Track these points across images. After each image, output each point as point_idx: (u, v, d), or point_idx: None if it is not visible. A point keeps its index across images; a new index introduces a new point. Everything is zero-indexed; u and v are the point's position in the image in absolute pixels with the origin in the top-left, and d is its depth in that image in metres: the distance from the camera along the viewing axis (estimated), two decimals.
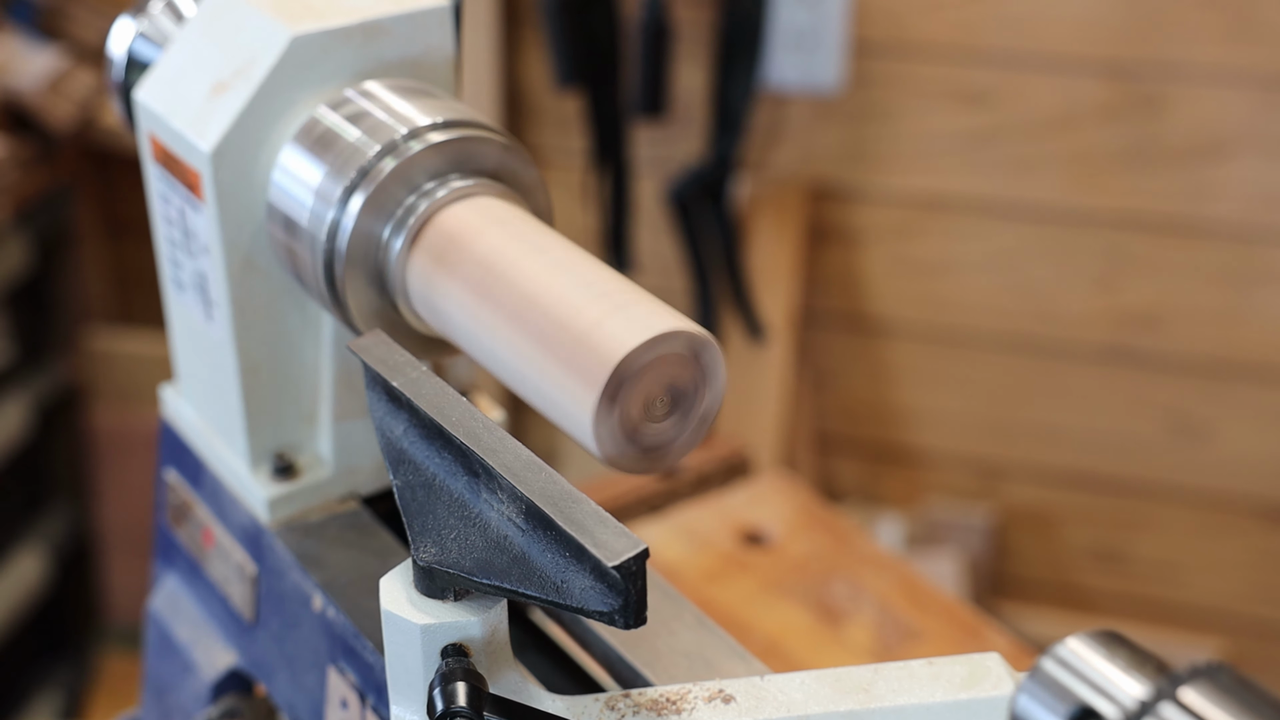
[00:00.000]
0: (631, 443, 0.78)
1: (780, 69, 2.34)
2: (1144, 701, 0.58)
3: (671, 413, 0.79)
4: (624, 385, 0.76)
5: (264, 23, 0.93)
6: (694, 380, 0.79)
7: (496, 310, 0.83)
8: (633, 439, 0.78)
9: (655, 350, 0.76)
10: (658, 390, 0.78)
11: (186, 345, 1.05)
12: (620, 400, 0.76)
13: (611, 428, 0.77)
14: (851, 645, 1.34)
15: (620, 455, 0.78)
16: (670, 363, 0.77)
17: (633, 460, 0.79)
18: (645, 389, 0.77)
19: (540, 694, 0.77)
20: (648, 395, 0.77)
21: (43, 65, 2.50)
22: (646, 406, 0.78)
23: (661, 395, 0.78)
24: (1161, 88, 2.26)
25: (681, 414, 0.79)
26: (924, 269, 2.46)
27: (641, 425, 0.78)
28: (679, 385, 0.78)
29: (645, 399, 0.77)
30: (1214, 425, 2.41)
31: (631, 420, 0.77)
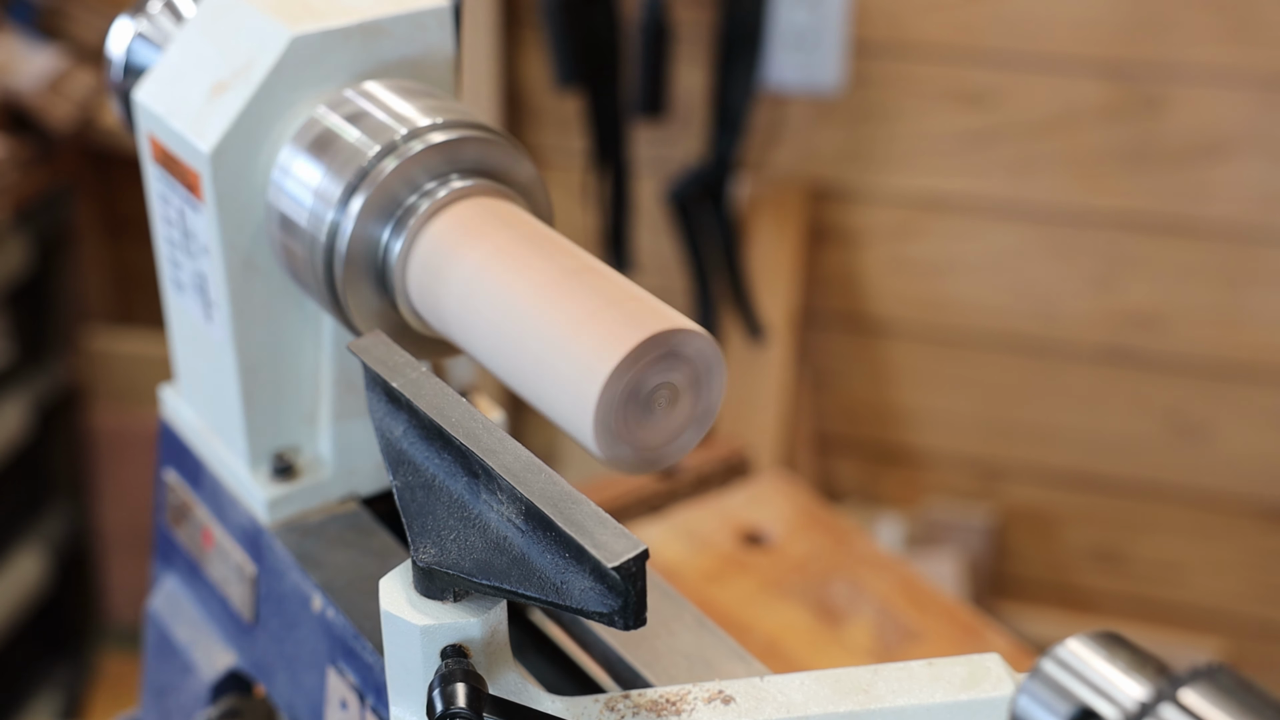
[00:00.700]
0: (631, 442, 0.78)
1: (780, 69, 2.34)
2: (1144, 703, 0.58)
3: (670, 412, 0.79)
4: (623, 385, 0.76)
5: (263, 23, 0.93)
6: (694, 380, 0.79)
7: (496, 310, 0.83)
8: (632, 439, 0.78)
9: (655, 350, 0.76)
10: (658, 390, 0.78)
11: (186, 346, 1.05)
12: (620, 399, 0.76)
13: (611, 427, 0.77)
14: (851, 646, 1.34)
15: (620, 455, 0.78)
16: (670, 362, 0.77)
17: (632, 460, 0.79)
18: (645, 388, 0.77)
19: (540, 695, 0.77)
20: (648, 394, 0.77)
21: (42, 65, 2.50)
22: (646, 406, 0.78)
23: (661, 395, 0.78)
24: (1161, 88, 2.26)
25: (681, 414, 0.79)
26: (924, 269, 2.46)
27: (641, 425, 0.78)
28: (679, 385, 0.78)
29: (645, 398, 0.77)
30: (1214, 425, 2.41)
31: (631, 420, 0.77)
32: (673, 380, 0.78)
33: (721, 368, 0.80)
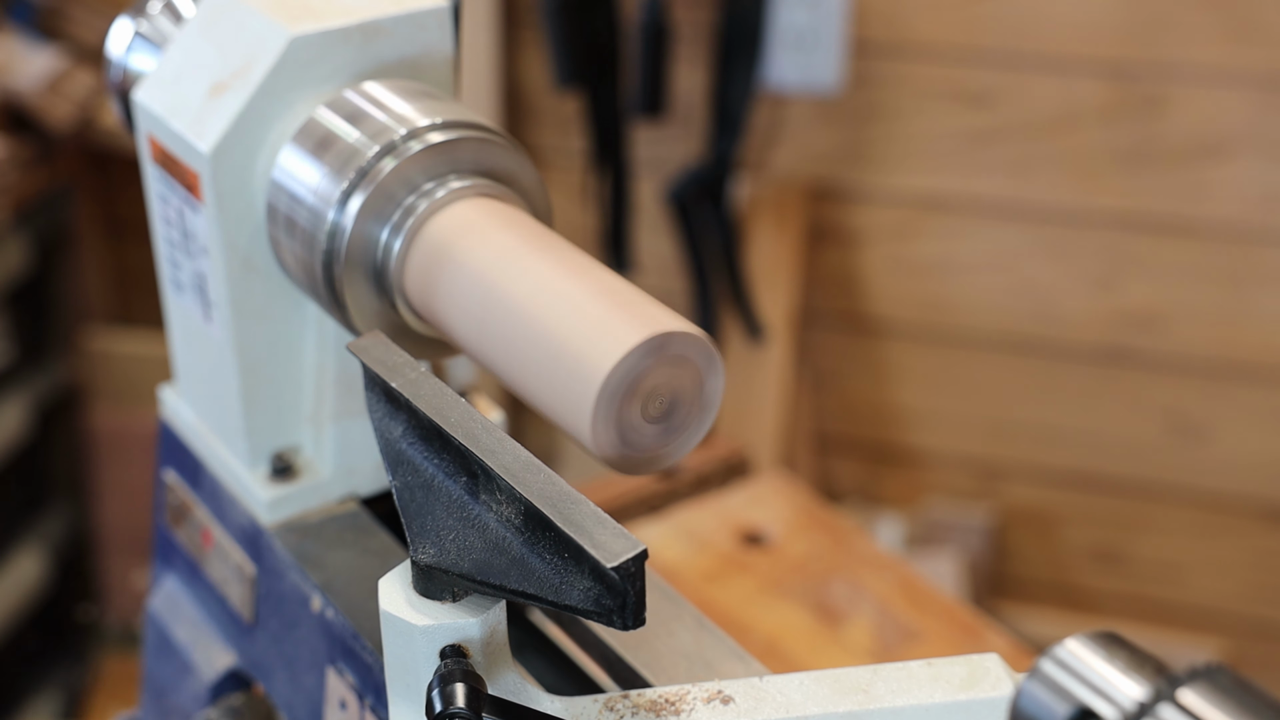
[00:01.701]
0: (630, 443, 0.78)
1: (780, 69, 2.34)
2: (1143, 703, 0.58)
3: (670, 413, 0.79)
4: (622, 385, 0.76)
5: (263, 23, 0.93)
6: (693, 381, 0.79)
7: (495, 310, 0.83)
8: (631, 439, 0.78)
9: (654, 351, 0.76)
10: (656, 391, 0.78)
11: (185, 346, 1.05)
12: (619, 400, 0.76)
13: (610, 427, 0.77)
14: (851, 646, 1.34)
15: (619, 455, 0.78)
16: (669, 363, 0.77)
17: (631, 460, 0.79)
18: (644, 389, 0.77)
19: (539, 695, 0.77)
20: (646, 395, 0.77)
21: (42, 66, 2.50)
22: (645, 407, 0.78)
23: (660, 395, 0.78)
24: (1161, 88, 2.26)
25: (680, 414, 0.79)
26: (923, 269, 2.46)
27: (640, 425, 0.78)
28: (677, 386, 0.78)
29: (644, 399, 0.77)
30: (1213, 425, 2.41)
31: (630, 420, 0.77)
32: (671, 381, 0.78)
33: (720, 369, 0.80)
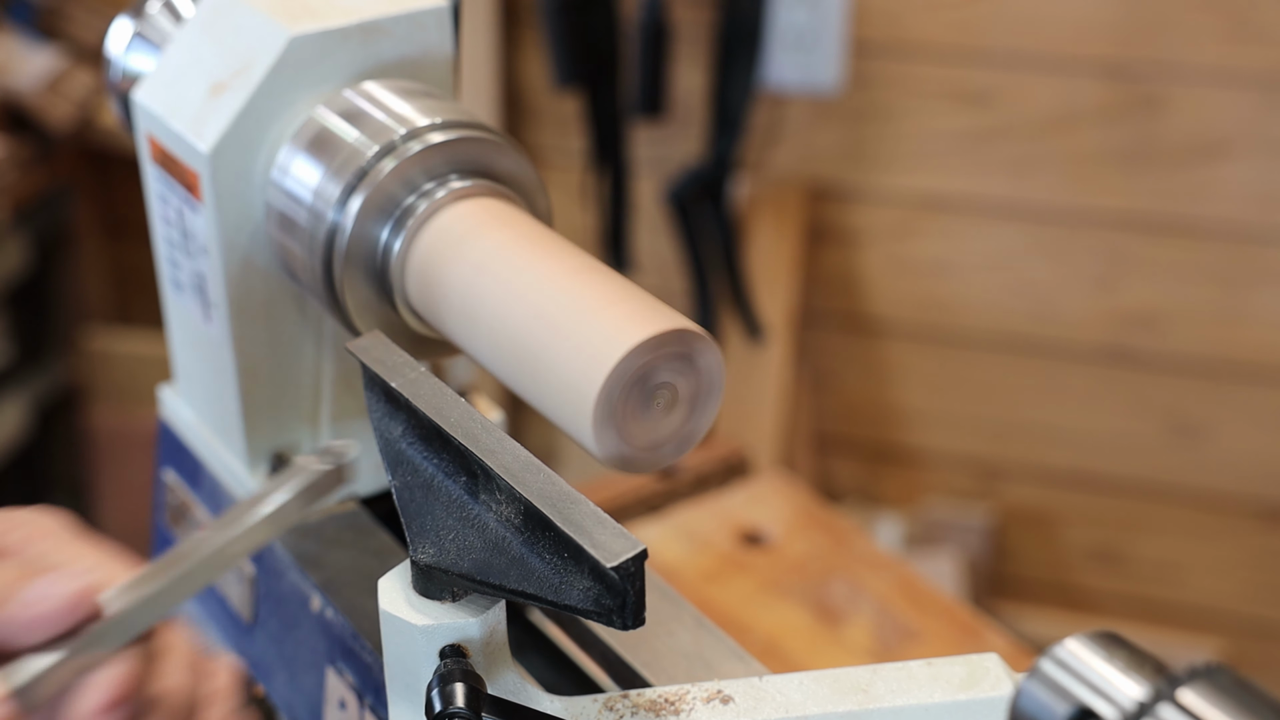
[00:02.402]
0: (630, 442, 0.78)
1: (779, 69, 2.33)
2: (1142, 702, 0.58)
3: (670, 412, 0.79)
4: (623, 384, 0.76)
5: (262, 23, 0.93)
6: (692, 380, 0.79)
7: (495, 310, 0.83)
8: (631, 438, 0.78)
9: (654, 350, 0.76)
10: (657, 389, 0.78)
11: (185, 346, 1.05)
12: (619, 399, 0.76)
13: (610, 426, 0.77)
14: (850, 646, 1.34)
15: (618, 454, 0.78)
16: (669, 362, 0.77)
17: (631, 460, 0.79)
18: (644, 388, 0.77)
19: (539, 695, 0.77)
20: (647, 394, 0.77)
21: (41, 65, 2.49)
22: (645, 406, 0.78)
23: (660, 394, 0.78)
24: (1160, 88, 2.26)
25: (680, 414, 0.79)
26: (923, 269, 2.46)
27: (640, 424, 0.78)
28: (677, 385, 0.78)
29: (644, 398, 0.77)
30: (1213, 425, 2.41)
31: (630, 419, 0.77)
32: (672, 380, 0.78)
33: (720, 369, 0.80)
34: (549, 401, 0.79)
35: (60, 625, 0.62)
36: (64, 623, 0.62)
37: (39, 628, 0.62)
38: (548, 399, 0.79)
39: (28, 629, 0.62)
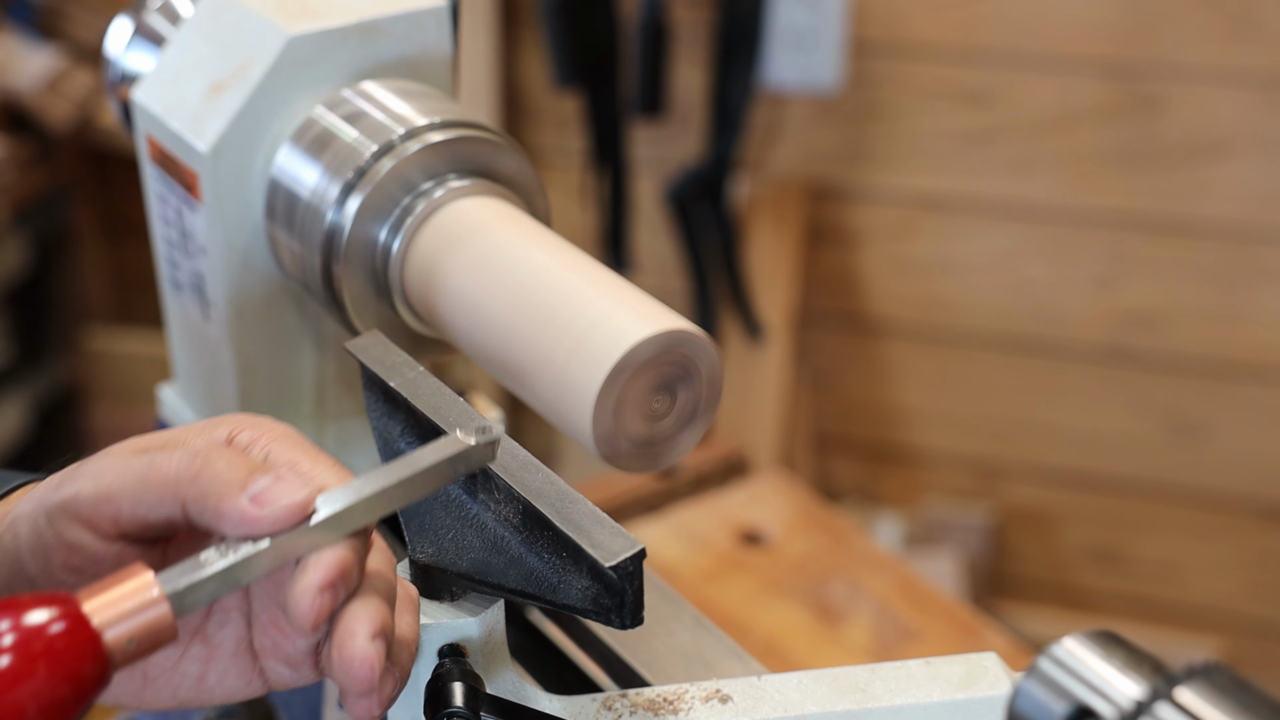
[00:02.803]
0: (629, 441, 0.78)
1: (779, 69, 2.33)
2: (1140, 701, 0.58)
3: (669, 412, 0.79)
4: (621, 384, 0.76)
5: (261, 23, 0.93)
6: (691, 380, 0.79)
7: (493, 311, 0.83)
8: (630, 438, 0.78)
9: (653, 350, 0.76)
10: (655, 389, 0.78)
11: (184, 345, 1.05)
12: (618, 399, 0.76)
13: (609, 426, 0.77)
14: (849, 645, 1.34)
15: (618, 454, 0.78)
16: (668, 362, 0.77)
17: (630, 459, 0.79)
18: (643, 388, 0.77)
19: (537, 694, 0.77)
20: (646, 394, 0.77)
21: (41, 65, 2.49)
22: (644, 405, 0.78)
23: (659, 394, 0.78)
24: (1160, 88, 2.26)
25: (679, 413, 0.79)
26: (922, 269, 2.46)
27: (639, 424, 0.78)
28: (677, 384, 0.78)
29: (643, 398, 0.77)
30: (1212, 425, 2.41)
31: (629, 419, 0.77)
32: (671, 380, 0.78)
33: (719, 368, 0.80)
34: (548, 401, 0.79)
35: (279, 527, 0.64)
36: (283, 525, 0.64)
37: (260, 525, 0.64)
38: (546, 399, 0.79)
39: (249, 524, 0.64)
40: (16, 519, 0.69)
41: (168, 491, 0.65)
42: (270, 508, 0.64)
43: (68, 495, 0.67)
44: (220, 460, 0.66)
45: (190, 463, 0.66)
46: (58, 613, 0.60)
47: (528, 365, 0.80)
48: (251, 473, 0.65)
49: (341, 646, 0.65)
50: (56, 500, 0.67)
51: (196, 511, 0.65)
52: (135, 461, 0.67)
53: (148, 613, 0.62)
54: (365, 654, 0.65)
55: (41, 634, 0.59)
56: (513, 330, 0.82)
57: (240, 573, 0.64)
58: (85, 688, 0.60)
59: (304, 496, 0.65)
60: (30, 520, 0.68)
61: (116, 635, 0.61)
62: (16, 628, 0.59)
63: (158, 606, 0.62)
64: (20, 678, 0.58)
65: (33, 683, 0.58)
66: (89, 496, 0.66)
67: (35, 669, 0.59)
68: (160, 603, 0.62)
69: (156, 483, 0.66)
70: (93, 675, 0.60)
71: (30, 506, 0.69)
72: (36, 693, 0.59)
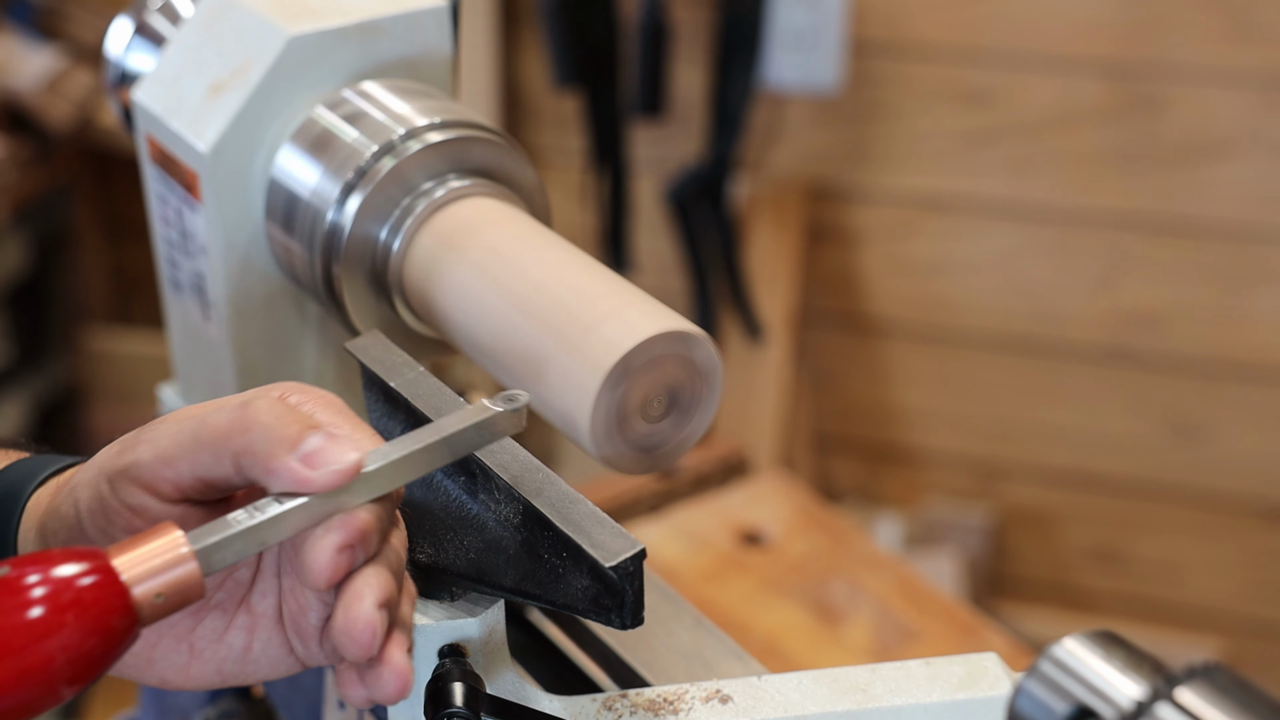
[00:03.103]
0: (629, 442, 0.78)
1: (779, 69, 2.33)
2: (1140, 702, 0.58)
3: (669, 412, 0.79)
4: (621, 384, 0.76)
5: (261, 23, 0.93)
6: (691, 380, 0.79)
7: (493, 311, 0.83)
8: (630, 438, 0.78)
9: (653, 350, 0.76)
10: (655, 390, 0.78)
11: (184, 345, 1.05)
12: (618, 399, 0.76)
13: (609, 427, 0.77)
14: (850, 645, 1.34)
15: (617, 455, 0.78)
16: (668, 362, 0.77)
17: (630, 460, 0.79)
18: (643, 388, 0.77)
19: (538, 694, 0.77)
20: (645, 395, 0.77)
21: (41, 65, 2.49)
22: (644, 406, 0.78)
23: (659, 395, 0.78)
24: (1160, 88, 2.26)
25: (679, 414, 0.79)
26: (922, 269, 2.46)
27: (639, 425, 0.78)
28: (676, 385, 0.78)
29: (643, 398, 0.77)
30: (1213, 425, 2.41)
31: (629, 420, 0.77)
32: (670, 380, 0.78)
33: (719, 369, 0.80)
34: (547, 402, 0.79)
35: (328, 487, 0.65)
36: (332, 486, 0.65)
37: (309, 484, 0.65)
38: (546, 399, 0.79)
39: (298, 483, 0.65)
40: (76, 487, 0.70)
41: (220, 448, 0.66)
42: (321, 469, 0.65)
43: (128, 461, 0.68)
44: (268, 415, 0.66)
45: (241, 417, 0.67)
46: (87, 566, 0.61)
47: (527, 366, 0.80)
48: (303, 429, 0.66)
49: (348, 608, 0.65)
50: (118, 466, 0.69)
51: (247, 466, 0.66)
52: (188, 423, 0.68)
53: (176, 569, 0.63)
54: (369, 619, 0.65)
55: (71, 586, 0.60)
56: (512, 331, 0.82)
57: (267, 532, 0.65)
58: (113, 641, 0.61)
59: (355, 459, 0.66)
60: (91, 486, 0.69)
61: (145, 590, 0.62)
62: (46, 580, 0.60)
63: (186, 563, 0.63)
64: (50, 628, 0.59)
65: (62, 634, 0.60)
66: (148, 461, 0.68)
67: (64, 620, 0.60)
68: (188, 559, 0.63)
69: (208, 440, 0.67)
70: (121, 628, 0.61)
71: (90, 474, 0.70)
72: (66, 644, 0.60)
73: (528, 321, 0.81)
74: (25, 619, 0.59)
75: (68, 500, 0.70)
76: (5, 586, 0.60)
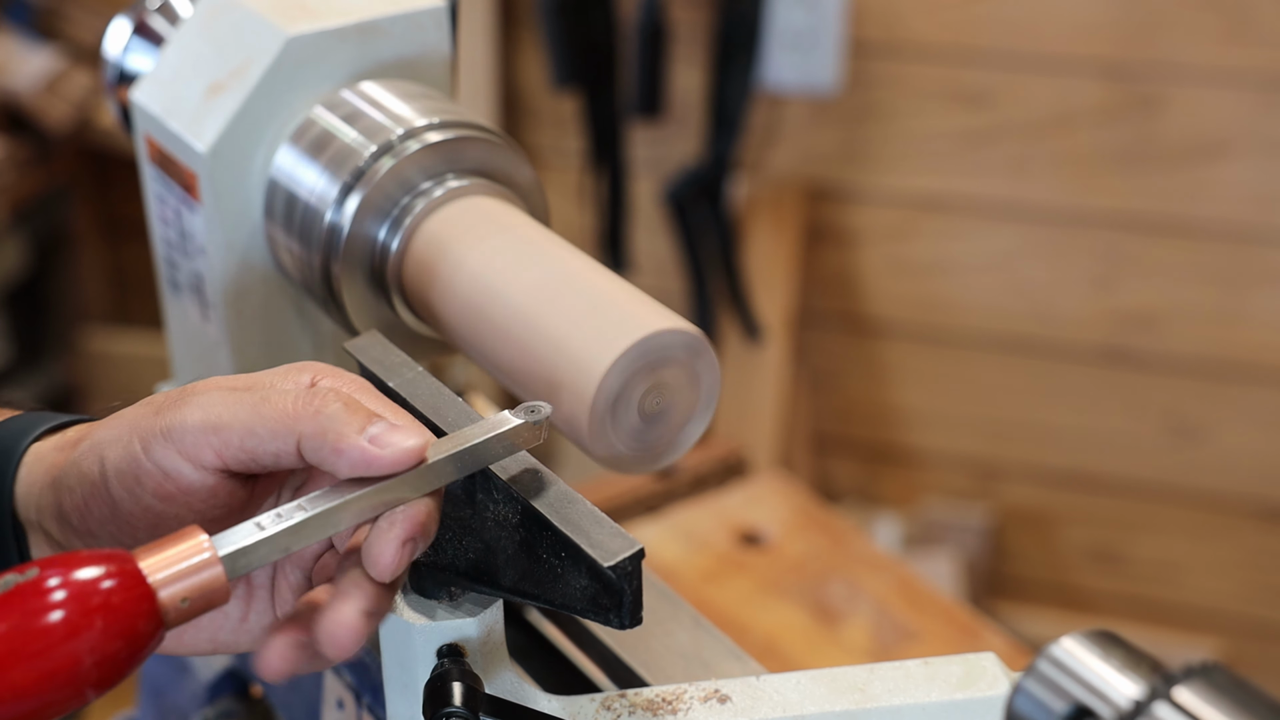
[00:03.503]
0: (627, 442, 0.78)
1: (777, 69, 2.33)
2: (1139, 701, 0.58)
3: (667, 413, 0.79)
4: (620, 384, 0.76)
5: (259, 24, 0.93)
6: (690, 380, 0.79)
7: (492, 311, 0.83)
8: (628, 438, 0.78)
9: (651, 349, 0.76)
10: (654, 389, 0.78)
11: (183, 346, 1.05)
12: (616, 398, 0.76)
13: (607, 427, 0.77)
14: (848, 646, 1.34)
15: (616, 454, 0.78)
16: (666, 362, 0.77)
17: (628, 459, 0.79)
18: (641, 388, 0.77)
19: (536, 694, 0.77)
20: (644, 394, 0.77)
21: (39, 66, 2.49)
22: (642, 405, 0.78)
23: (657, 394, 0.78)
24: (1158, 88, 2.26)
25: (677, 414, 0.79)
26: (921, 269, 2.46)
27: (637, 424, 0.78)
28: (675, 384, 0.78)
29: (641, 398, 0.77)
30: (1211, 426, 2.41)
31: (627, 418, 0.77)
32: (669, 381, 0.78)
33: (717, 369, 0.80)
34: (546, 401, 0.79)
35: (396, 469, 0.67)
36: (400, 467, 0.67)
37: (378, 465, 0.67)
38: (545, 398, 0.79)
39: (368, 463, 0.67)
40: (100, 443, 0.70)
41: (283, 427, 0.67)
42: (391, 449, 0.67)
43: (171, 423, 0.68)
44: (336, 401, 0.68)
45: (308, 400, 0.68)
46: (115, 569, 0.62)
47: (526, 365, 0.80)
48: (369, 415, 0.68)
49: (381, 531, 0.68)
50: (158, 426, 0.68)
51: (313, 448, 0.67)
52: (246, 396, 0.69)
53: (202, 574, 0.63)
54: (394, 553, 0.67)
55: (99, 589, 0.61)
56: (511, 330, 0.82)
57: (291, 539, 0.66)
58: (139, 644, 0.62)
59: (421, 441, 0.68)
60: (123, 445, 0.69)
61: (171, 594, 0.63)
62: (76, 583, 0.61)
63: (212, 568, 0.64)
64: (78, 630, 0.60)
65: (90, 636, 0.60)
66: (195, 425, 0.68)
67: (93, 622, 0.60)
68: (214, 564, 0.64)
69: (271, 417, 0.67)
70: (146, 632, 0.62)
71: (119, 431, 0.70)
72: (94, 646, 0.60)
73: (526, 321, 0.81)
74: (55, 621, 0.59)
75: (89, 456, 0.70)
76: (35, 588, 0.60)
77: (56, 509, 0.71)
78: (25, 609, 0.59)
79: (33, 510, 0.72)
